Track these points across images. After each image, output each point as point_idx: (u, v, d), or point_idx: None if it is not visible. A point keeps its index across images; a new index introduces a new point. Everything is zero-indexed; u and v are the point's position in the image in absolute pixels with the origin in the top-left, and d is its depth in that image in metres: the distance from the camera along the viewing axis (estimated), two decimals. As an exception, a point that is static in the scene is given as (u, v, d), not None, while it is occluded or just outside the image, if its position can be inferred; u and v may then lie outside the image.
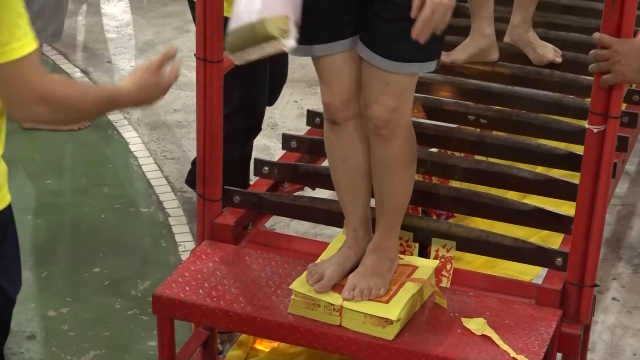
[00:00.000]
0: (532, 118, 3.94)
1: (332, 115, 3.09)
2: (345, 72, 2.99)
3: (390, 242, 3.16)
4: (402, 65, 2.87)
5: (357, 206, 3.23)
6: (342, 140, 3.14)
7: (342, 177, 3.22)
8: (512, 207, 3.47)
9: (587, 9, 4.69)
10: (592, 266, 3.11)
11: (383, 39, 2.86)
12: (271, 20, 2.77)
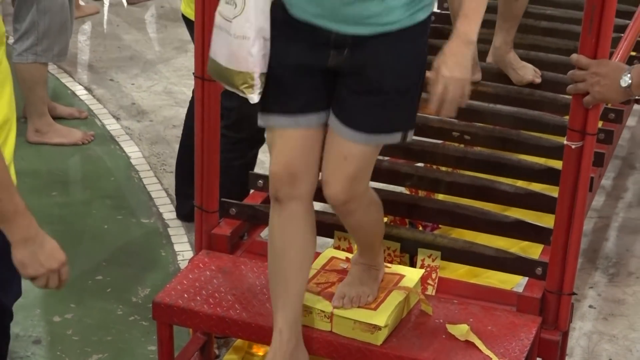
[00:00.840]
0: (513, 135, 3.95)
1: (275, 188, 2.86)
2: (301, 146, 2.83)
3: (373, 255, 3.12)
4: (367, 137, 2.76)
5: (286, 305, 2.90)
6: (282, 224, 2.91)
7: (276, 268, 2.94)
8: (494, 219, 3.48)
9: (565, 32, 4.70)
10: (570, 275, 3.11)
11: (352, 111, 2.75)
12: (236, 73, 2.72)
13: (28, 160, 5.03)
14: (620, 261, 4.37)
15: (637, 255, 4.41)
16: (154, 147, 5.23)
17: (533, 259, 3.31)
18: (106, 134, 5.33)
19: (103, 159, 5.12)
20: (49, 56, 5.09)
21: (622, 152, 5.20)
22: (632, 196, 4.88)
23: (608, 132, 3.99)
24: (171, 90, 5.83)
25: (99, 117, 5.52)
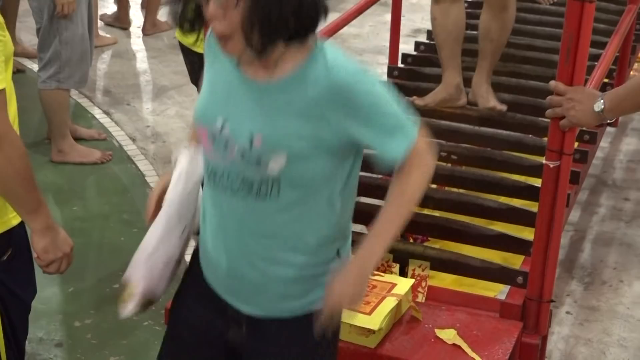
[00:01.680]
0: (496, 155, 3.95)
1: None
2: None
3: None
4: None
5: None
6: None
7: None
8: (479, 232, 3.48)
9: (544, 60, 4.72)
10: (548, 284, 3.11)
11: None
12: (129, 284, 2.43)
13: (52, 177, 5.03)
14: (594, 271, 4.36)
15: (610, 265, 4.41)
16: (166, 166, 5.22)
17: (515, 269, 3.31)
18: (123, 154, 5.34)
19: (120, 177, 5.12)
20: (70, 83, 5.09)
21: (596, 171, 5.21)
22: (606, 211, 4.88)
23: (583, 152, 3.99)
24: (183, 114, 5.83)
25: (116, 138, 5.53)
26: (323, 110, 2.08)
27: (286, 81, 2.11)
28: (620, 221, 4.78)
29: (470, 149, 4.00)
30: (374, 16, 7.04)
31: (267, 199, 2.15)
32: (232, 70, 2.17)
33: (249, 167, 2.12)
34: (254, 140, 2.09)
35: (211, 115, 2.17)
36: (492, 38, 4.02)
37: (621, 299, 4.17)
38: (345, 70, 2.10)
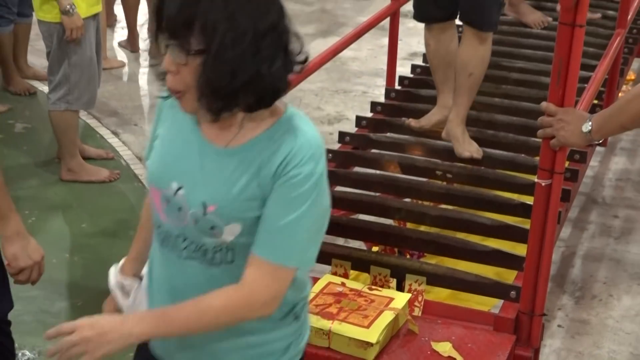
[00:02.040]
0: (490, 173, 3.95)
1: None
2: None
3: None
4: None
5: None
6: None
7: None
8: (474, 248, 3.48)
9: (536, 82, 4.73)
10: (540, 298, 3.11)
11: None
12: None
13: (61, 195, 5.03)
14: (585, 286, 4.36)
15: (600, 280, 4.40)
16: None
17: (508, 284, 3.31)
18: (130, 173, 5.34)
19: (127, 195, 5.12)
20: (79, 104, 5.10)
21: (586, 189, 5.21)
22: (595, 228, 4.88)
23: (574, 171, 3.99)
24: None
25: (124, 157, 5.53)
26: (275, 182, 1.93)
27: (245, 147, 1.97)
28: (610, 237, 4.78)
29: (465, 167, 4.00)
30: (372, 40, 7.05)
31: (221, 266, 2.01)
32: (191, 129, 2.04)
33: (202, 234, 1.99)
34: (207, 209, 1.96)
35: (165, 178, 2.03)
36: (471, 72, 3.97)
37: (611, 312, 4.16)
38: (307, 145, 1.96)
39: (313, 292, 3.19)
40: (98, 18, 5.11)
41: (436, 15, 4.08)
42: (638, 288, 4.35)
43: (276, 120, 1.99)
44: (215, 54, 1.83)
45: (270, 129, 1.98)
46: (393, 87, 4.93)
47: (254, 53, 1.85)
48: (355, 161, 4.24)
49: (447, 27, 4.10)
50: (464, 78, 3.98)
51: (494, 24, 3.99)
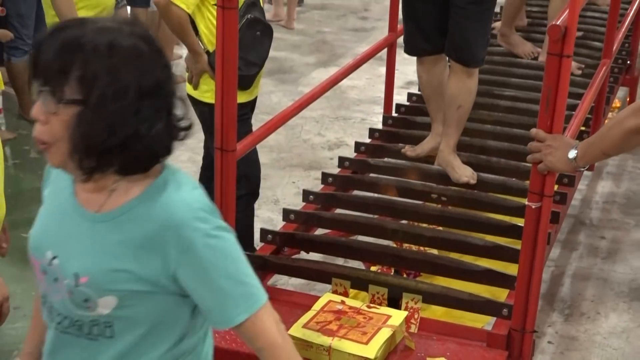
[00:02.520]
0: (482, 197, 3.96)
1: None
2: None
3: None
4: None
5: None
6: None
7: None
8: (467, 268, 3.47)
9: (526, 110, 4.74)
10: (531, 316, 3.10)
11: None
12: None
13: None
14: (574, 304, 4.35)
15: (588, 298, 4.39)
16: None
17: (500, 302, 3.30)
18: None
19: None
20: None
21: (574, 211, 5.21)
22: (583, 248, 4.87)
23: (562, 194, 4.00)
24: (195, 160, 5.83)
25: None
26: (155, 251, 1.73)
27: (117, 213, 1.77)
28: (597, 258, 4.78)
29: (459, 191, 4.00)
30: (370, 70, 7.07)
31: (99, 340, 1.80)
32: (69, 192, 1.84)
33: (77, 307, 1.78)
34: (79, 281, 1.76)
35: (41, 247, 1.83)
36: (459, 104, 3.97)
37: (598, 329, 4.15)
38: (185, 210, 1.74)
39: (314, 310, 3.19)
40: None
41: (425, 48, 4.07)
42: (624, 306, 4.34)
43: (151, 182, 1.79)
44: (94, 107, 1.65)
45: (143, 193, 1.77)
46: (390, 114, 4.94)
47: (134, 111, 1.67)
48: (354, 185, 4.25)
49: (437, 60, 4.10)
50: (453, 110, 3.99)
51: (480, 60, 3.99)
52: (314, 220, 3.90)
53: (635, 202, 5.40)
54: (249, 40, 3.88)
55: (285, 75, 7.35)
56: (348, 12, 9.43)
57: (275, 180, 5.52)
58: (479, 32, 3.91)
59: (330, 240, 3.83)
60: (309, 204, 4.05)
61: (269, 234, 3.74)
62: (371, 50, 4.76)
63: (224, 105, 3.29)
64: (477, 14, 3.86)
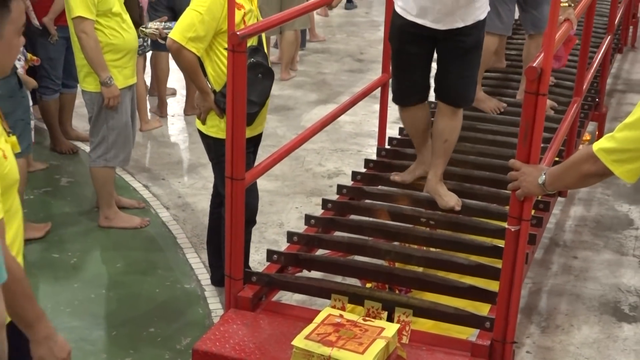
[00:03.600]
0: (467, 220, 3.95)
1: None
2: None
3: None
4: None
5: None
6: None
7: None
8: (453, 285, 3.46)
9: (505, 142, 4.74)
10: (511, 328, 3.09)
11: None
12: None
13: (99, 240, 5.02)
14: (549, 317, 4.33)
15: (563, 312, 4.38)
16: (194, 229, 5.22)
17: (483, 315, 3.28)
18: (159, 220, 5.33)
19: (156, 239, 5.11)
20: (116, 162, 5.11)
21: (549, 234, 5.20)
22: (558, 267, 4.86)
23: (539, 218, 3.99)
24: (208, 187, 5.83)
25: (153, 207, 5.53)
26: None
27: None
28: (570, 275, 4.76)
29: (445, 215, 4.00)
30: (365, 106, 7.08)
31: None
32: None
33: None
34: None
35: None
36: (445, 139, 3.98)
37: (572, 340, 4.13)
38: None
39: (315, 323, 3.17)
40: (133, 89, 5.15)
41: (413, 99, 4.05)
42: (595, 319, 4.32)
43: None
44: None
45: None
46: (383, 146, 4.94)
47: None
48: (351, 210, 4.24)
49: (421, 107, 4.09)
50: (440, 144, 3.99)
51: (470, 101, 4.01)
52: (315, 242, 3.89)
53: (604, 225, 5.39)
54: (251, 82, 3.88)
55: (290, 112, 7.36)
56: (346, 55, 9.45)
57: (280, 206, 5.52)
58: (472, 77, 3.93)
59: (330, 260, 3.83)
60: (310, 227, 4.04)
61: (275, 254, 3.74)
62: (366, 89, 4.77)
63: (233, 139, 3.30)
64: (472, 61, 3.87)
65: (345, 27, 10.80)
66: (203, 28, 3.83)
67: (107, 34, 4.81)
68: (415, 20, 3.74)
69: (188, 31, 3.83)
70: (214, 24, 3.85)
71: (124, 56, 4.92)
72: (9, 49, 2.28)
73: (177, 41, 3.83)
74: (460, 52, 3.81)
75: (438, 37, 3.77)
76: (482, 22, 3.78)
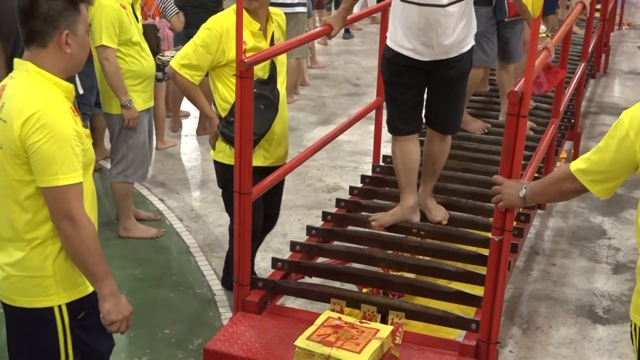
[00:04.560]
0: (454, 231, 3.94)
1: None
2: None
3: None
4: None
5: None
6: None
7: None
8: (442, 290, 3.45)
9: (489, 160, 4.74)
10: (495, 329, 3.08)
11: None
12: None
13: (118, 249, 5.01)
14: (530, 319, 4.32)
15: (542, 315, 4.36)
16: (205, 239, 5.22)
17: (469, 318, 3.27)
18: (173, 231, 5.32)
19: (170, 248, 5.11)
20: (134, 178, 5.11)
21: (530, 243, 5.19)
22: (538, 273, 4.85)
23: (520, 229, 3.98)
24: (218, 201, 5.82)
25: (168, 219, 5.52)
26: None
27: None
28: (549, 281, 4.75)
29: (434, 226, 3.99)
30: (362, 127, 7.08)
31: None
32: None
33: None
34: None
35: None
36: (434, 160, 3.93)
37: (551, 340, 4.12)
38: None
39: (316, 325, 3.16)
40: (150, 111, 5.15)
41: (403, 129, 3.86)
42: (572, 321, 4.31)
43: None
44: None
45: None
46: (378, 163, 4.94)
47: None
48: (348, 222, 4.24)
49: (411, 138, 3.90)
50: (430, 165, 3.96)
51: (457, 127, 3.96)
52: (316, 250, 3.89)
53: (579, 235, 5.38)
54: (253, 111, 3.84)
55: (293, 132, 7.37)
56: (343, 80, 9.47)
57: (284, 218, 5.51)
58: (458, 105, 3.86)
59: (329, 267, 3.82)
60: (311, 237, 4.04)
61: (279, 262, 3.73)
62: (362, 111, 4.78)
63: (241, 157, 3.30)
64: (458, 91, 3.81)
65: (343, 55, 10.82)
66: (196, 58, 3.84)
67: (128, 62, 4.82)
68: (402, 52, 3.68)
69: (182, 59, 3.88)
70: (209, 57, 3.85)
71: (142, 82, 4.93)
72: (83, 45, 2.47)
73: (172, 67, 3.91)
74: (446, 82, 3.74)
75: (425, 68, 3.70)
76: (467, 53, 3.71)
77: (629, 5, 13.91)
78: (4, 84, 2.46)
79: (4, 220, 2.45)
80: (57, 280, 2.46)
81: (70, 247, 2.40)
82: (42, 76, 2.40)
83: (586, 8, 5.34)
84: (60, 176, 2.33)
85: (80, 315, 2.53)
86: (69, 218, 2.36)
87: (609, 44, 9.90)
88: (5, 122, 2.36)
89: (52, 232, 2.42)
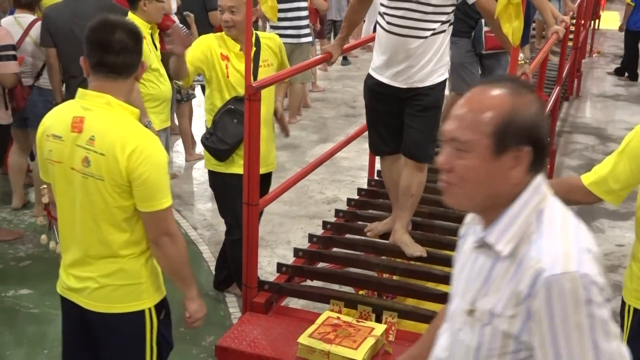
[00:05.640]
0: (442, 238, 3.93)
1: None
2: None
3: None
4: None
5: None
6: None
7: None
8: (431, 292, 3.45)
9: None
10: (479, 328, 3.06)
11: None
12: None
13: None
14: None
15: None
16: (217, 246, 5.21)
17: (456, 317, 3.26)
18: (188, 239, 5.32)
19: (185, 254, 5.10)
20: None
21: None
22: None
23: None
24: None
25: (183, 227, 5.52)
26: None
27: None
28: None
29: (424, 234, 3.98)
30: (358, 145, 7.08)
31: None
32: None
33: None
34: None
35: None
36: (412, 193, 3.71)
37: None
38: None
39: (317, 324, 3.16)
40: (167, 130, 5.16)
41: (384, 150, 3.81)
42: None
43: None
44: None
45: None
46: (373, 177, 4.94)
47: None
48: (346, 230, 4.23)
49: (396, 158, 3.81)
50: (406, 198, 3.74)
51: (429, 157, 3.68)
52: (317, 256, 3.88)
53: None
54: (226, 124, 3.89)
55: (296, 149, 7.37)
56: (342, 103, 9.48)
57: (288, 227, 5.51)
58: (430, 133, 3.60)
59: (329, 271, 3.81)
60: (313, 244, 4.04)
61: (283, 266, 3.73)
62: (358, 131, 4.79)
63: (250, 171, 3.30)
64: (430, 119, 3.61)
65: (341, 80, 10.84)
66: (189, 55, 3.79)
67: (147, 86, 4.82)
68: (381, 79, 3.59)
69: None
70: (195, 61, 3.83)
71: (160, 104, 4.93)
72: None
73: None
74: (419, 110, 3.58)
75: (401, 96, 3.58)
76: (440, 84, 3.57)
77: (598, 35, 13.96)
78: (82, 116, 2.35)
79: (94, 241, 2.43)
80: (149, 285, 2.52)
81: (169, 260, 2.46)
82: (123, 108, 2.37)
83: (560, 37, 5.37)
84: (164, 200, 2.40)
85: (162, 314, 2.60)
86: (169, 235, 2.42)
87: (580, 69, 9.93)
88: (104, 156, 2.31)
89: (146, 245, 2.47)
